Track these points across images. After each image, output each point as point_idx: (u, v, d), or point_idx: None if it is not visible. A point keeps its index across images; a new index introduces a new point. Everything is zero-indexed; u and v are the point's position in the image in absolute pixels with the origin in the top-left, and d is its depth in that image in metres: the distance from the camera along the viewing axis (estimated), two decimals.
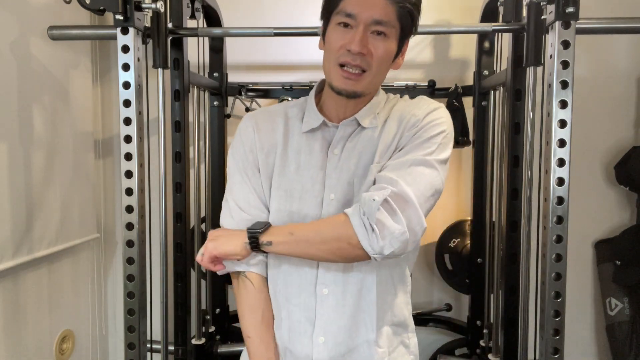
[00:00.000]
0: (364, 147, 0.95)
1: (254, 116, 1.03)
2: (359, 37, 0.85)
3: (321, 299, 0.95)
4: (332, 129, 0.97)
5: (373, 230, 0.83)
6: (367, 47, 0.86)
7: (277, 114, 1.02)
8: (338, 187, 0.94)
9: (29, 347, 1.62)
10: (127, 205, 1.31)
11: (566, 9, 1.12)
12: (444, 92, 1.84)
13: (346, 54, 0.87)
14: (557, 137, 1.16)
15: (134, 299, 1.32)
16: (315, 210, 0.95)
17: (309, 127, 0.97)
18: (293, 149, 0.98)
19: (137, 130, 1.29)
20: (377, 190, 0.85)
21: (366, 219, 0.84)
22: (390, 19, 0.87)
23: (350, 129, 0.97)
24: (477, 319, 1.85)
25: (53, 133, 1.66)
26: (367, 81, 0.90)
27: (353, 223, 0.85)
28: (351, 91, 0.90)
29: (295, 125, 0.99)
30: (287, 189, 0.96)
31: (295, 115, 1.01)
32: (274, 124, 1.00)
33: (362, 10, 0.86)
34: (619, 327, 1.83)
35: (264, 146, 0.98)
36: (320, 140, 0.97)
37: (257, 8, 2.02)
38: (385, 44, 0.88)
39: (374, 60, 0.88)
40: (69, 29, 1.47)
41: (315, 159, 0.96)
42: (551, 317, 1.19)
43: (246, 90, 1.93)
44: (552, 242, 1.18)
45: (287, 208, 0.96)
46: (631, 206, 1.93)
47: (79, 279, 1.92)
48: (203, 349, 1.77)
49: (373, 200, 0.83)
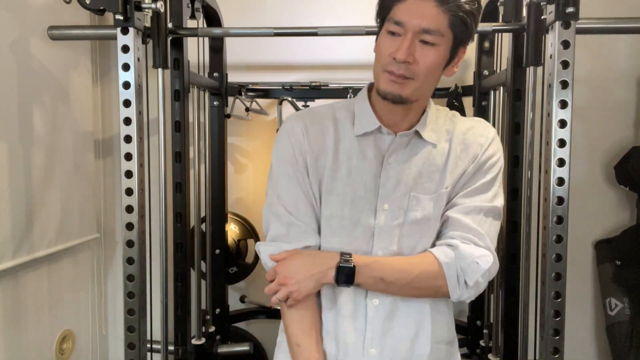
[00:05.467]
0: (424, 163, 0.94)
1: (301, 118, 0.98)
2: (406, 46, 0.84)
3: (372, 309, 0.93)
4: (386, 136, 0.95)
5: (466, 287, 0.90)
6: (412, 56, 0.84)
7: (325, 116, 0.98)
8: (393, 197, 0.93)
9: (29, 347, 1.62)
10: (127, 205, 1.31)
11: (566, 9, 1.12)
12: (444, 92, 1.84)
13: (392, 62, 0.86)
14: (557, 137, 1.16)
15: (134, 299, 1.32)
16: (369, 219, 0.93)
17: (363, 131, 0.94)
18: (344, 153, 0.95)
19: (137, 130, 1.29)
20: (471, 243, 0.91)
21: (463, 276, 0.89)
22: (440, 28, 0.84)
23: (407, 139, 0.94)
24: (477, 319, 1.85)
25: (53, 133, 1.66)
26: (413, 88, 0.88)
27: (448, 276, 0.89)
28: (397, 94, 0.88)
29: (346, 129, 0.96)
30: (339, 194, 0.94)
31: (344, 117, 0.97)
32: (323, 127, 0.96)
33: (411, 18, 0.84)
34: (619, 327, 1.83)
35: (313, 149, 0.95)
36: (372, 146, 0.95)
37: (257, 8, 2.02)
38: (433, 52, 0.85)
39: (420, 68, 0.85)
40: (69, 29, 1.46)
41: (368, 165, 0.94)
42: (551, 317, 1.19)
43: (246, 90, 1.93)
44: (552, 242, 1.18)
45: (339, 214, 0.94)
46: (631, 206, 1.93)
47: (79, 279, 1.92)
48: (203, 349, 1.77)
49: (477, 264, 0.89)
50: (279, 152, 0.98)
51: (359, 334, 0.93)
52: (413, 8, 0.84)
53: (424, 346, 0.94)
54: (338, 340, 0.94)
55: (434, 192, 0.93)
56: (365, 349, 0.92)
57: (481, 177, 0.94)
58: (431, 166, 0.94)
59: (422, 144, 0.95)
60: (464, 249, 0.90)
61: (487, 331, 1.74)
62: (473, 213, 0.92)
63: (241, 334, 2.05)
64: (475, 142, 0.95)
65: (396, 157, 0.94)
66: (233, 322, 2.03)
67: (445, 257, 0.90)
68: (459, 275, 0.89)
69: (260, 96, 1.97)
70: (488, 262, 0.90)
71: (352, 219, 0.93)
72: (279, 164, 0.97)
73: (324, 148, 0.95)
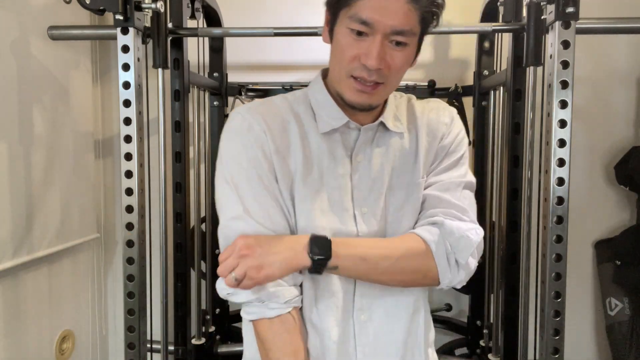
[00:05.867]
0: (395, 155, 0.86)
1: (257, 111, 0.83)
2: (377, 51, 0.73)
3: (360, 325, 0.83)
4: (352, 131, 0.85)
5: (458, 267, 0.81)
6: (384, 60, 0.75)
7: (283, 110, 0.85)
8: (370, 199, 0.84)
9: (29, 347, 1.62)
10: (127, 205, 1.31)
11: (566, 9, 1.12)
12: (444, 92, 1.83)
13: (361, 68, 0.75)
14: (557, 137, 1.16)
15: (134, 299, 1.32)
16: (350, 227, 0.83)
17: (330, 127, 0.83)
18: (313, 154, 0.83)
19: (137, 130, 1.29)
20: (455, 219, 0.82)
21: (453, 254, 0.80)
22: (412, 27, 0.75)
23: (372, 132, 0.86)
24: (477, 319, 1.85)
25: (53, 133, 1.66)
26: (384, 93, 0.81)
27: (436, 255, 0.80)
28: (366, 104, 0.80)
29: (310, 125, 0.84)
30: (314, 200, 0.81)
31: (304, 112, 0.85)
32: (284, 123, 0.83)
33: (381, 18, 0.73)
34: (619, 327, 1.83)
35: (279, 149, 0.81)
36: (340, 143, 0.84)
37: (257, 8, 2.02)
38: (404, 53, 0.77)
39: (391, 72, 0.77)
40: (69, 29, 1.47)
41: (339, 166, 0.83)
42: (551, 317, 1.19)
43: (246, 90, 1.93)
44: (552, 242, 1.18)
45: (316, 224, 0.81)
46: (631, 206, 1.93)
47: (79, 279, 1.92)
48: (203, 349, 1.77)
49: (468, 237, 0.80)
50: (234, 153, 0.81)
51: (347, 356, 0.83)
52: (382, 5, 0.73)
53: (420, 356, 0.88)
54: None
55: (409, 184, 0.85)
56: None
57: (452, 156, 0.88)
58: (402, 158, 0.86)
59: (388, 135, 0.86)
60: (449, 224, 0.81)
61: (487, 331, 1.74)
62: (451, 188, 0.85)
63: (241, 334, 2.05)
64: (439, 124, 0.88)
65: (364, 154, 0.85)
66: (233, 322, 2.03)
67: (431, 235, 0.81)
68: (449, 254, 0.80)
69: (260, 96, 1.96)
70: (478, 234, 0.82)
71: (332, 229, 0.81)
72: (238, 168, 0.80)
73: (290, 147, 0.82)
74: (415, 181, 0.86)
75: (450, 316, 2.04)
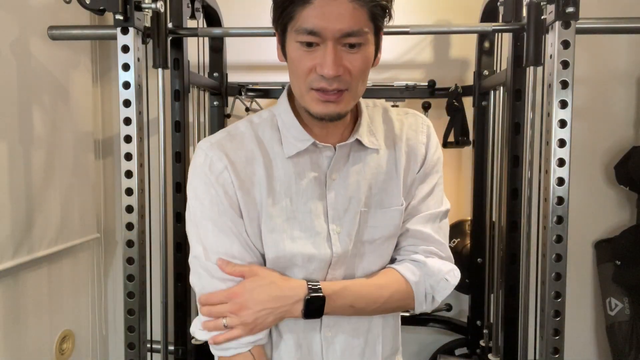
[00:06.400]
0: (372, 173, 0.84)
1: (219, 146, 0.81)
2: (331, 59, 0.71)
3: (327, 342, 0.86)
4: (323, 150, 0.82)
5: (432, 302, 0.87)
6: (342, 66, 0.72)
7: (247, 139, 0.82)
8: (346, 218, 0.82)
9: (29, 347, 1.62)
10: (127, 205, 1.31)
11: (566, 9, 1.12)
12: (444, 92, 1.83)
13: (319, 78, 0.73)
14: (557, 137, 1.16)
15: (134, 299, 1.32)
16: (324, 250, 0.82)
17: (295, 150, 0.80)
18: (280, 181, 0.81)
19: (137, 130, 1.29)
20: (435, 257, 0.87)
21: (432, 293, 0.86)
22: (362, 26, 0.72)
23: (347, 149, 0.83)
24: (477, 319, 1.85)
25: (53, 133, 1.66)
26: (350, 98, 0.77)
27: (417, 295, 0.86)
28: (335, 114, 0.76)
29: (274, 150, 0.81)
30: (283, 230, 0.80)
31: (270, 137, 0.83)
32: (248, 153, 0.81)
33: (327, 24, 0.70)
34: (619, 327, 1.83)
35: (243, 184, 0.80)
36: (309, 164, 0.82)
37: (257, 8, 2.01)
38: (361, 54, 0.74)
39: (352, 77, 0.74)
40: (69, 29, 1.46)
41: (310, 189, 0.81)
42: (551, 317, 1.19)
43: (246, 90, 1.93)
44: (552, 242, 1.18)
45: (287, 252, 0.80)
46: (631, 206, 1.93)
47: (79, 279, 1.92)
48: (203, 349, 1.77)
49: (446, 281, 0.86)
50: (197, 192, 0.80)
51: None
52: (326, 11, 0.69)
53: None
54: None
55: (388, 205, 0.85)
56: None
57: (430, 178, 0.89)
58: (379, 175, 0.85)
59: (364, 152, 0.84)
60: (431, 265, 0.85)
61: (487, 331, 1.74)
62: (431, 221, 0.87)
63: None
64: (418, 142, 0.88)
65: (339, 173, 0.82)
66: None
67: (413, 275, 0.85)
68: (427, 293, 0.86)
69: (260, 96, 1.97)
70: (456, 277, 0.88)
71: (303, 256, 0.81)
72: (201, 207, 0.80)
73: (254, 179, 0.80)
74: (393, 200, 0.86)
75: (450, 316, 2.04)
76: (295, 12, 0.71)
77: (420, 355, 2.09)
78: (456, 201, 2.03)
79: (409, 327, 1.98)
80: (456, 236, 1.94)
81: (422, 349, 2.09)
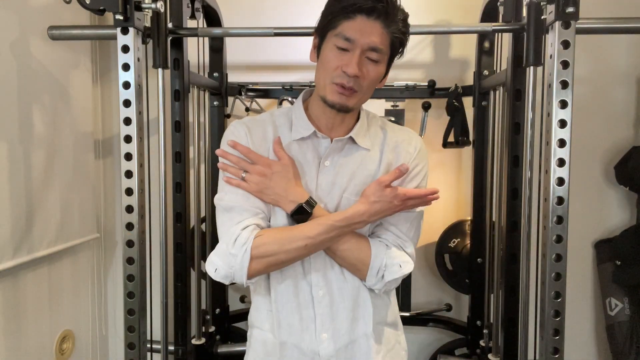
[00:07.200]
0: (358, 167, 1.02)
1: (244, 122, 1.05)
2: (356, 61, 0.92)
3: (318, 300, 1.02)
4: (322, 140, 1.03)
5: (382, 280, 1.00)
6: (361, 70, 0.93)
7: (265, 122, 1.05)
8: (329, 198, 1.01)
9: (29, 347, 1.62)
10: (127, 205, 1.31)
11: (566, 9, 1.12)
12: (444, 92, 1.84)
13: (342, 75, 0.93)
14: (557, 137, 1.16)
15: (134, 299, 1.32)
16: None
17: (300, 136, 1.02)
18: None
19: (137, 130, 1.29)
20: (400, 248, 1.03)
21: (383, 272, 1.00)
22: (384, 47, 0.94)
23: (342, 144, 1.03)
24: (477, 319, 1.85)
25: (53, 133, 1.66)
26: (358, 99, 0.98)
27: (372, 265, 1.00)
28: (344, 105, 0.96)
29: (284, 134, 1.03)
30: None
31: (283, 124, 1.04)
32: (265, 131, 1.03)
33: (361, 36, 0.92)
34: (619, 327, 1.83)
35: (257, 149, 1.01)
36: (311, 149, 1.03)
37: (257, 8, 2.02)
38: (376, 68, 0.96)
39: (365, 82, 0.95)
40: (69, 29, 1.46)
41: (308, 168, 1.02)
42: (551, 317, 1.19)
43: (246, 90, 1.93)
44: (552, 242, 1.18)
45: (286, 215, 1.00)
46: (631, 206, 1.93)
47: (79, 279, 1.92)
48: (203, 349, 1.77)
49: (400, 267, 1.00)
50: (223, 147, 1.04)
51: (310, 322, 1.02)
52: (362, 27, 0.92)
53: (367, 326, 1.03)
54: (292, 328, 1.02)
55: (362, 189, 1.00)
56: (318, 334, 1.02)
57: (407, 184, 1.03)
58: (364, 170, 1.02)
59: (356, 149, 1.03)
60: (393, 251, 1.01)
61: (487, 331, 1.74)
62: (402, 221, 1.03)
63: (241, 334, 2.05)
64: (404, 152, 1.05)
65: (332, 160, 1.02)
66: (233, 322, 2.03)
67: (377, 250, 1.01)
68: (380, 269, 1.00)
69: (260, 96, 1.97)
70: (409, 269, 1.02)
71: None
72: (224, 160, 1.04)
73: (266, 149, 1.02)
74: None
75: (450, 316, 2.04)
76: (340, 23, 0.93)
77: (420, 355, 2.09)
78: (456, 201, 2.03)
79: (409, 327, 1.97)
80: (456, 236, 1.94)
81: (422, 349, 2.09)
